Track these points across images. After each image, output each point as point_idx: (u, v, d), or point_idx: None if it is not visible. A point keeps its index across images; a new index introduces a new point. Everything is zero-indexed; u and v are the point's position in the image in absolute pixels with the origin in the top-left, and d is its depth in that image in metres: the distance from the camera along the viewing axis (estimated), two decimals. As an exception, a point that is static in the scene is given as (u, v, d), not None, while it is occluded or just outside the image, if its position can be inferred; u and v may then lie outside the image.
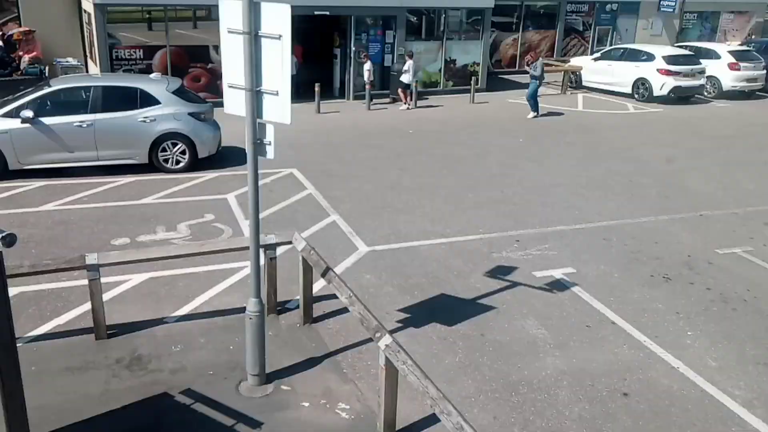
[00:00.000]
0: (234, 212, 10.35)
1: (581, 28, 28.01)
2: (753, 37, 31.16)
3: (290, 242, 7.15)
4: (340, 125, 16.92)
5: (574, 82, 23.06)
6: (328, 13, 19.43)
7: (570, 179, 12.77)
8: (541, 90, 22.32)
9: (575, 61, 23.52)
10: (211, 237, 9.27)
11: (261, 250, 6.20)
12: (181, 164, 12.26)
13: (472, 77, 21.00)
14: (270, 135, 5.53)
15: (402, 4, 20.34)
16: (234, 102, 5.52)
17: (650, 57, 20.74)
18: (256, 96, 5.36)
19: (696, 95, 21.36)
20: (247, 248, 6.01)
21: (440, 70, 21.72)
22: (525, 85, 22.37)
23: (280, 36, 5.12)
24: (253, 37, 5.19)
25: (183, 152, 12.21)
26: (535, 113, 18.70)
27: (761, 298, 8.16)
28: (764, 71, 21.88)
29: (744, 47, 23.39)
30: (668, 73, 20.20)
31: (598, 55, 22.96)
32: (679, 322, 7.54)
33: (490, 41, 25.87)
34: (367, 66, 19.46)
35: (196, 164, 12.36)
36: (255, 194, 5.62)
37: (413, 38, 21.18)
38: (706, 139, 16.53)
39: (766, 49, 23.66)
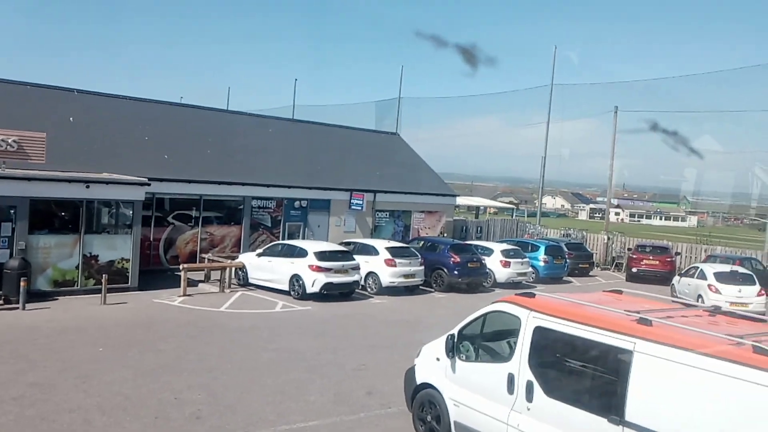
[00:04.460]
0: None
1: (270, 224, 27.62)
2: (444, 234, 33.13)
3: None
4: None
5: (241, 278, 21.75)
6: None
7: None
8: (206, 288, 20.79)
9: (242, 257, 22.41)
10: None
11: None
12: None
13: (106, 275, 18.66)
14: None
15: (25, 194, 18.08)
16: None
17: (303, 253, 20.18)
18: None
19: (355, 291, 20.94)
20: None
21: (77, 267, 19.22)
22: (196, 282, 20.85)
23: None
24: None
25: None
26: None
27: None
28: (422, 267, 22.26)
29: (401, 244, 23.93)
30: (319, 269, 19.61)
31: (260, 251, 22.07)
32: None
33: (165, 235, 24.49)
34: None
35: None
36: None
37: (45, 231, 18.77)
38: (332, 340, 15.40)
39: (431, 246, 24.57)
